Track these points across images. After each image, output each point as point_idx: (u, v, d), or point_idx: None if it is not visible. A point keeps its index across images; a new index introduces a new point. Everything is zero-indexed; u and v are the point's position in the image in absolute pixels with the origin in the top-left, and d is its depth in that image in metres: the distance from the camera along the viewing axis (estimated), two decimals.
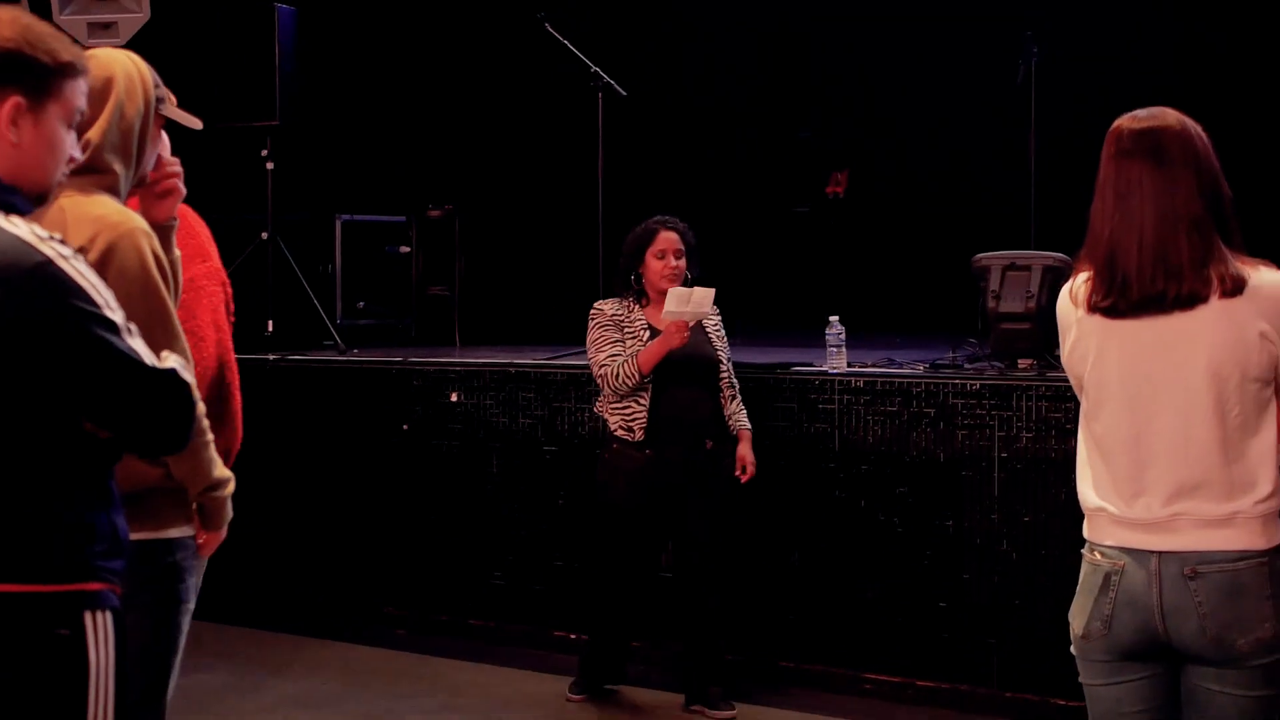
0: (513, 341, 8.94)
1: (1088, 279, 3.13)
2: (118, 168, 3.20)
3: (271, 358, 7.99)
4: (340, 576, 7.67)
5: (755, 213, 11.47)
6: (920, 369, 6.40)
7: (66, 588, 2.63)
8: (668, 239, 6.04)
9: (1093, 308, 3.11)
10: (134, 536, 3.01)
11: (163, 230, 3.27)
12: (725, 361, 6.09)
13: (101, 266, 3.01)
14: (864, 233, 10.95)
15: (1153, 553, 3.06)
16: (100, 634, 2.65)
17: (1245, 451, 3.03)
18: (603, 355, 5.95)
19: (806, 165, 11.67)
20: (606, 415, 6.02)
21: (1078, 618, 3.19)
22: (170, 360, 2.72)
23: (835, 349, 6.40)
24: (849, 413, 6.29)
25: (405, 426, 7.47)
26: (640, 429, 5.89)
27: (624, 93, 7.87)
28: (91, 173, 3.16)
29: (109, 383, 2.61)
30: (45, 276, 2.56)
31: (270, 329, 8.59)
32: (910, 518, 6.15)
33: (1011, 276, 6.12)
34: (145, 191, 3.31)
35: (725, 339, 6.17)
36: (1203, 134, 3.11)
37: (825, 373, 6.37)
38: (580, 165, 10.38)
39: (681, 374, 5.91)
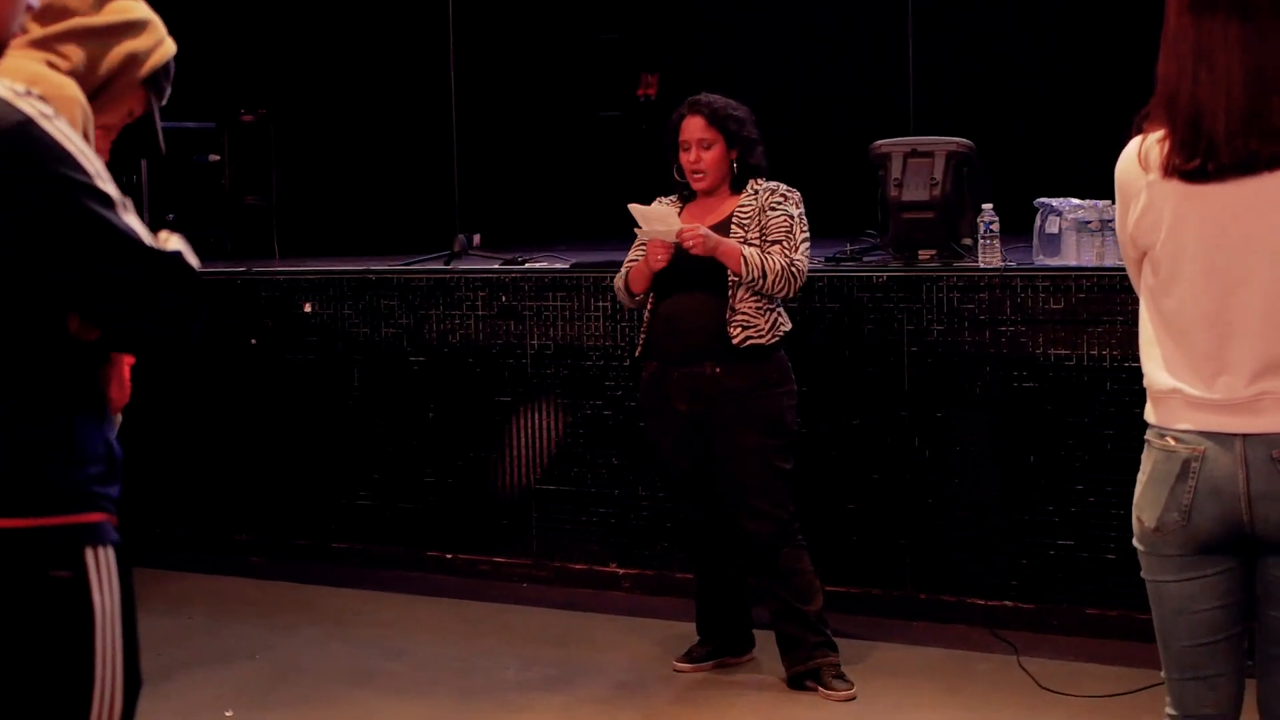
0: (336, 252, 8.44)
1: (1161, 140, 2.85)
2: (69, 67, 2.69)
3: None
4: (183, 504, 7.14)
5: (563, 118, 11.10)
6: (817, 262, 6.12)
7: (62, 520, 2.19)
8: (690, 126, 5.08)
9: (1170, 171, 2.83)
10: None
11: None
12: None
13: None
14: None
15: (1236, 435, 2.83)
16: (104, 573, 2.22)
17: None
18: (625, 260, 5.22)
19: (614, 69, 11.32)
20: None
21: (1148, 510, 2.95)
22: (174, 242, 2.28)
23: None
24: None
25: (254, 341, 6.96)
26: (641, 341, 5.17)
27: None
28: (49, 48, 2.65)
29: (107, 268, 2.16)
30: (26, 139, 2.10)
31: None
32: (814, 417, 5.87)
33: (914, 164, 5.86)
34: None
35: (784, 229, 5.01)
36: None
37: None
38: (399, 67, 9.91)
39: (683, 281, 5.03)
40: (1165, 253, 2.88)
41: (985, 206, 5.66)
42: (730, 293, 5.00)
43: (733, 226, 5.05)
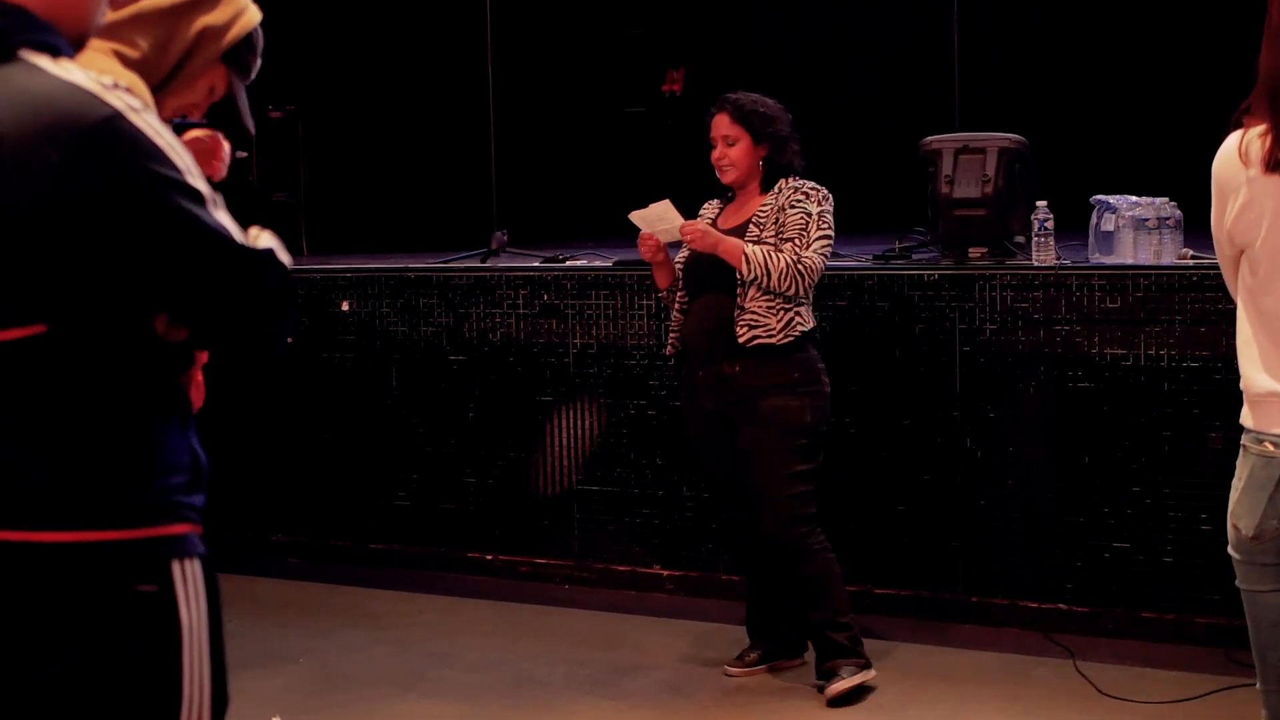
0: (365, 249, 8.36)
1: (1263, 134, 2.76)
2: (137, 54, 2.62)
3: None
4: (218, 504, 7.04)
5: (588, 114, 11.01)
6: (865, 260, 6.04)
7: (147, 533, 2.10)
8: (717, 123, 5.08)
9: (1272, 166, 2.75)
10: None
11: None
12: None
13: None
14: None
15: None
16: (190, 587, 2.14)
17: None
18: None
19: (640, 65, 11.23)
20: None
21: (1245, 517, 2.85)
22: (265, 239, 2.20)
23: None
24: None
25: (290, 339, 6.85)
26: (674, 341, 5.18)
27: None
28: (114, 36, 2.59)
29: (197, 266, 2.08)
30: (114, 134, 2.01)
31: None
32: (863, 417, 5.80)
33: (965, 160, 5.77)
34: None
35: (798, 226, 4.94)
36: None
37: None
38: (425, 63, 9.83)
39: (705, 280, 5.06)
40: (1265, 251, 2.80)
41: (1040, 204, 5.56)
42: (739, 291, 4.96)
43: (750, 225, 5.02)
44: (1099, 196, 5.60)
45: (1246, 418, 2.88)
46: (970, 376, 5.64)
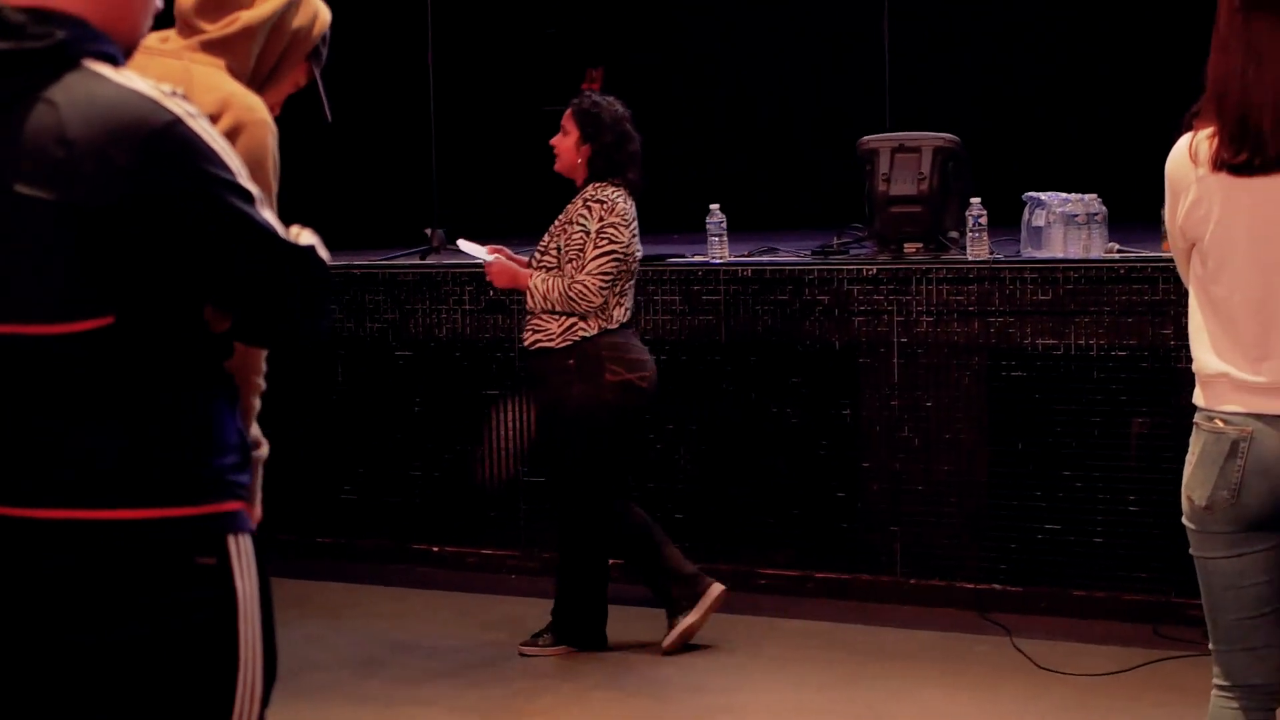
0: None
1: (1211, 136, 2.98)
2: (246, 65, 2.79)
3: None
4: None
5: (504, 112, 11.11)
6: (805, 255, 6.25)
7: (207, 509, 2.24)
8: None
9: (1219, 165, 2.97)
10: None
11: None
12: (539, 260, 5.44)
13: None
14: None
15: None
16: (244, 560, 2.28)
17: None
18: None
19: (558, 63, 11.35)
20: None
21: (1199, 489, 3.06)
22: (305, 236, 2.35)
23: (717, 238, 6.19)
24: (736, 303, 6.10)
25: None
26: None
27: None
28: (224, 51, 2.74)
29: (249, 260, 2.22)
30: (175, 138, 2.15)
31: None
32: (804, 408, 6.01)
33: (901, 159, 5.99)
34: None
35: (576, 247, 5.29)
36: None
37: (709, 263, 6.15)
38: (359, 60, 9.89)
39: None
40: (1214, 243, 3.01)
41: (974, 200, 5.79)
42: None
43: (553, 232, 5.43)
44: (1030, 193, 5.84)
45: (1199, 397, 3.10)
46: (907, 367, 5.86)
